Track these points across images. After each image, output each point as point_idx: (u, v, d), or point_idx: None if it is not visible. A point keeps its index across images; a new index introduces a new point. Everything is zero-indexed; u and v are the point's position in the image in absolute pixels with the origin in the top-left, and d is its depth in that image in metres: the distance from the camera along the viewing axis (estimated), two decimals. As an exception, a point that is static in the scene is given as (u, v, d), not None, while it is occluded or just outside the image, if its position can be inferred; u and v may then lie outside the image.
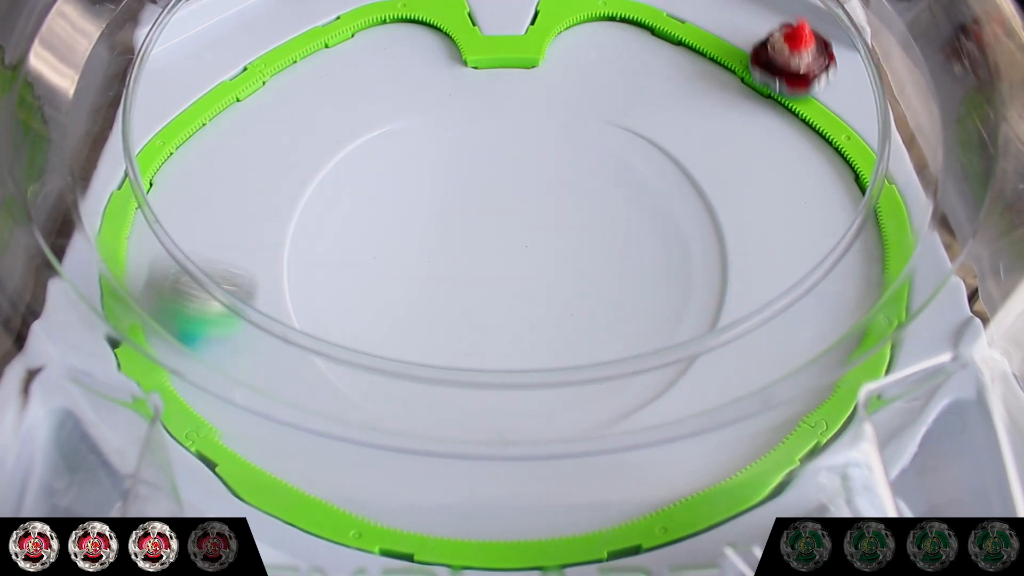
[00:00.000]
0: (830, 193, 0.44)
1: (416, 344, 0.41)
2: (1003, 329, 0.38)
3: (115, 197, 0.43)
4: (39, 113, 0.44)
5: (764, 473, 0.36)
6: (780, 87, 0.46)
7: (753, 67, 0.47)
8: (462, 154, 0.46)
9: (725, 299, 0.41)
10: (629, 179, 0.45)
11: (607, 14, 0.50)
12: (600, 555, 0.35)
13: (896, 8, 0.48)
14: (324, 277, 0.42)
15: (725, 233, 0.43)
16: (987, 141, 0.42)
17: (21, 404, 0.35)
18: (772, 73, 0.46)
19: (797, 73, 0.46)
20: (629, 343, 0.41)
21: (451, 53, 0.49)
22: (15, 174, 0.41)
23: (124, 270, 0.42)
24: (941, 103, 0.44)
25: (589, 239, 0.44)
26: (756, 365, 0.37)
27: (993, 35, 0.45)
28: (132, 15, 0.48)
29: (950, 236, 0.41)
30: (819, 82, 0.46)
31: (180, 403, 0.38)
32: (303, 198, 0.44)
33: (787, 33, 0.46)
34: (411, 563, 0.35)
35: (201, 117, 0.46)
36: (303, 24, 0.50)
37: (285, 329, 0.37)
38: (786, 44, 0.46)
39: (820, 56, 0.46)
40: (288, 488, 0.36)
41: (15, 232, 0.39)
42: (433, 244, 0.44)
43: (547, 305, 0.42)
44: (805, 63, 0.46)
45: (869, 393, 0.36)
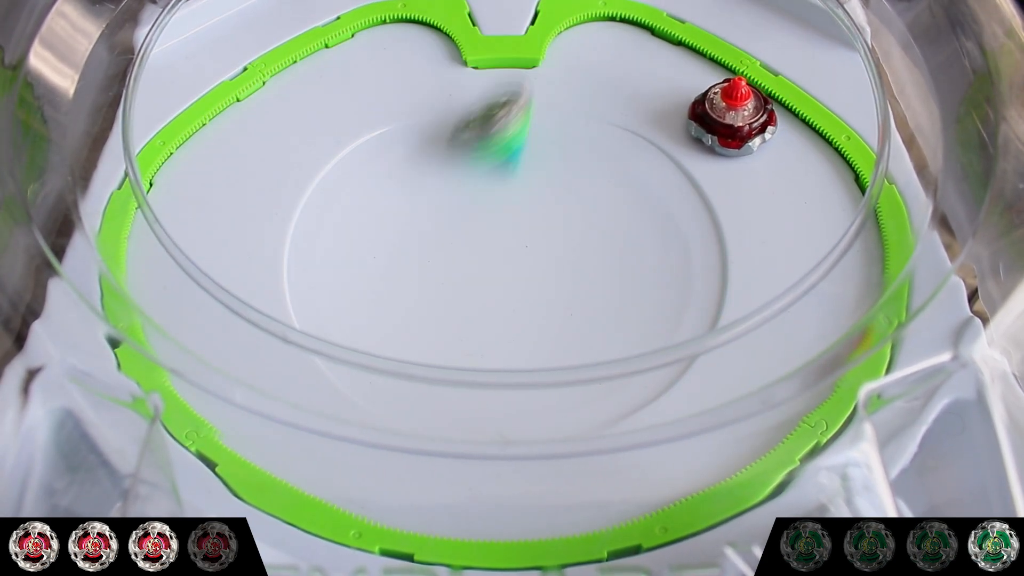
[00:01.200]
0: (830, 193, 0.44)
1: (416, 344, 0.41)
2: (1003, 329, 0.38)
3: (115, 197, 0.43)
4: (39, 113, 0.44)
5: (764, 473, 0.36)
6: (713, 143, 0.45)
7: (689, 120, 0.46)
8: (462, 154, 0.46)
9: (725, 299, 0.41)
10: (629, 179, 0.45)
11: (607, 14, 0.50)
12: (600, 555, 0.35)
13: (896, 8, 0.48)
14: (324, 277, 0.42)
15: (725, 233, 0.43)
16: (987, 141, 0.42)
17: (21, 404, 0.35)
18: (707, 128, 0.45)
19: (732, 128, 0.45)
20: (629, 343, 0.41)
21: (451, 53, 0.49)
22: (15, 174, 0.41)
23: (124, 270, 0.42)
24: (941, 103, 0.44)
25: (589, 239, 0.44)
26: (756, 365, 0.37)
27: (993, 35, 0.45)
28: (132, 15, 0.48)
29: (950, 236, 0.41)
30: (754, 142, 0.45)
31: (180, 403, 0.38)
32: (303, 198, 0.44)
33: (724, 88, 0.45)
34: (411, 563, 0.35)
35: (201, 117, 0.46)
36: (303, 24, 0.50)
37: (285, 329, 0.37)
38: (723, 99, 0.45)
39: (758, 113, 0.45)
40: (288, 488, 0.36)
41: (15, 232, 0.39)
42: (433, 244, 0.44)
43: (547, 305, 0.42)
44: (742, 118, 0.45)
45: (869, 393, 0.36)
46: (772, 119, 0.46)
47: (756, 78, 0.47)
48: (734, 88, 0.45)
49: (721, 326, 0.40)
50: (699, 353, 0.39)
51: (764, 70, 0.48)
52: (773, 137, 0.45)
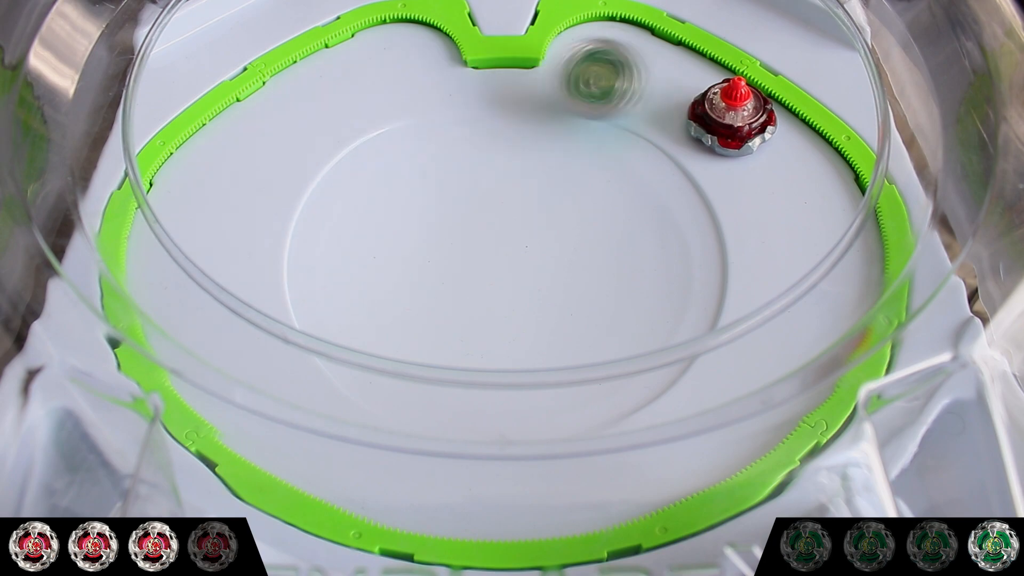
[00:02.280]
0: (830, 193, 0.44)
1: (416, 344, 0.41)
2: (1003, 329, 0.38)
3: (115, 197, 0.43)
4: (39, 113, 0.44)
5: (764, 473, 0.36)
6: (712, 144, 0.45)
7: (689, 121, 0.46)
8: (462, 154, 0.46)
9: (725, 299, 0.41)
10: (629, 179, 0.45)
11: (607, 14, 0.50)
12: (600, 555, 0.35)
13: (896, 8, 0.48)
14: (324, 277, 0.42)
15: (725, 233, 0.43)
16: (987, 141, 0.42)
17: (21, 404, 0.35)
18: (706, 128, 0.45)
19: (731, 128, 0.45)
20: (629, 343, 0.41)
21: (451, 53, 0.49)
22: (15, 174, 0.41)
23: (124, 270, 0.42)
24: (941, 103, 0.44)
25: (589, 239, 0.44)
26: (756, 365, 0.38)
27: (993, 35, 0.45)
28: (132, 15, 0.48)
29: (950, 236, 0.41)
30: (753, 142, 0.45)
31: (180, 403, 0.38)
32: (303, 198, 0.44)
33: (724, 88, 0.45)
34: (411, 563, 0.35)
35: (201, 117, 0.46)
36: (303, 24, 0.50)
37: (285, 329, 0.37)
38: (722, 99, 0.45)
39: (758, 113, 0.45)
40: (288, 488, 0.36)
41: (15, 232, 0.39)
42: (433, 244, 0.44)
43: (547, 305, 0.42)
44: (741, 118, 0.45)
45: (869, 393, 0.36)
46: (772, 119, 0.46)
47: (756, 78, 0.47)
48: (734, 88, 0.45)
49: (721, 326, 0.40)
50: (699, 353, 0.39)
51: (764, 70, 0.48)
52: (773, 137, 0.45)
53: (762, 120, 0.45)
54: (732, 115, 0.45)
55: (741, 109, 0.45)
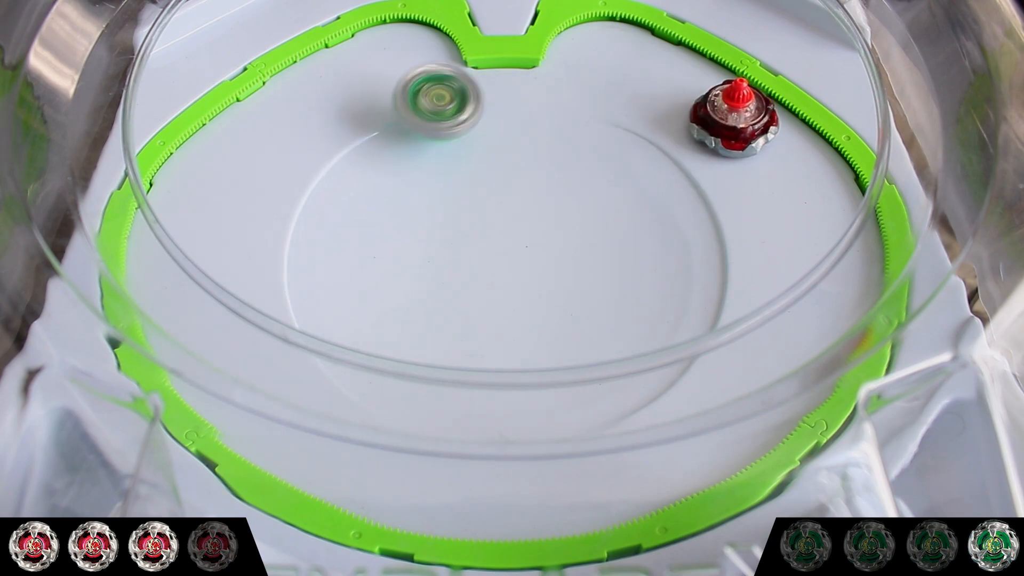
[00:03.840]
0: (830, 193, 0.44)
1: (416, 344, 0.41)
2: (1003, 329, 0.38)
3: (115, 197, 0.43)
4: (39, 113, 0.44)
5: (764, 473, 0.36)
6: (716, 146, 0.45)
7: (691, 123, 0.46)
8: (462, 154, 0.46)
9: (725, 299, 0.41)
10: (629, 179, 0.45)
11: (607, 14, 0.50)
12: (600, 555, 0.35)
13: (896, 8, 0.48)
14: (324, 277, 0.42)
15: (725, 233, 0.43)
16: (987, 141, 0.42)
17: (21, 404, 0.35)
18: (709, 131, 0.45)
19: (735, 130, 0.45)
20: (629, 343, 0.41)
21: (451, 53, 0.49)
22: (15, 174, 0.41)
23: (124, 270, 0.42)
24: (941, 103, 0.44)
25: (589, 239, 0.44)
26: (756, 365, 0.38)
27: (993, 35, 0.45)
28: (132, 15, 0.48)
29: (950, 236, 0.41)
30: (757, 143, 0.45)
31: (180, 403, 0.38)
32: (303, 198, 0.44)
33: (726, 90, 0.45)
34: (411, 563, 0.35)
35: (201, 117, 0.46)
36: (303, 24, 0.50)
37: (285, 329, 0.37)
38: (724, 101, 0.45)
39: (760, 114, 0.45)
40: (288, 488, 0.36)
41: (15, 232, 0.39)
42: (433, 244, 0.44)
43: (547, 305, 0.42)
44: (744, 120, 0.45)
45: (869, 393, 0.36)
46: (774, 119, 0.46)
47: (756, 78, 0.47)
48: (735, 90, 0.45)
49: (721, 326, 0.40)
50: (699, 353, 0.39)
51: (764, 70, 0.48)
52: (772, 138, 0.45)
53: (765, 121, 0.45)
54: (735, 116, 0.45)
55: (743, 110, 0.45)
